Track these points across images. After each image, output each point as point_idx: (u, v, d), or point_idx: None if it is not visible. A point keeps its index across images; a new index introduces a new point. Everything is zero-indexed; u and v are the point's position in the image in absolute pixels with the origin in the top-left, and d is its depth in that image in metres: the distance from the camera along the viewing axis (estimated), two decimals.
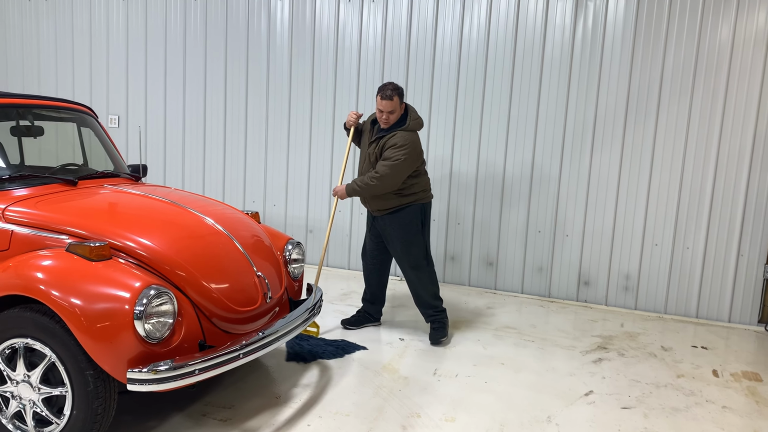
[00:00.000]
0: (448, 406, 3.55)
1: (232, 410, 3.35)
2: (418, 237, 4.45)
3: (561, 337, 4.84)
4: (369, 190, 4.31)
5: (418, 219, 4.45)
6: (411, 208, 4.42)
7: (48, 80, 7.35)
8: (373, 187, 4.28)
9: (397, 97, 4.26)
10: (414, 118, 4.41)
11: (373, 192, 4.32)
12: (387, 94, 4.25)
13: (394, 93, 4.26)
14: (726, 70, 5.24)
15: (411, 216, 4.43)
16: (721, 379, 4.22)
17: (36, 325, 2.69)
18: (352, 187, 4.38)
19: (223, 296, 3.05)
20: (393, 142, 4.27)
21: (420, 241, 4.47)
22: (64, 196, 3.34)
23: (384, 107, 4.29)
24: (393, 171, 4.23)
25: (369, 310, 4.81)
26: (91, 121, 4.19)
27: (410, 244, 4.45)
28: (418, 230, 4.45)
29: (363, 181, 4.31)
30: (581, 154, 5.65)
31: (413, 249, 4.45)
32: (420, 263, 4.48)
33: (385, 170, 4.23)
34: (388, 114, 4.29)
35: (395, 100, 4.26)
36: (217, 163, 6.83)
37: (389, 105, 4.27)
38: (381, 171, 4.24)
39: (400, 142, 4.26)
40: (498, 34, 5.76)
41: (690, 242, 5.48)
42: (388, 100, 4.26)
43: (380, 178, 4.24)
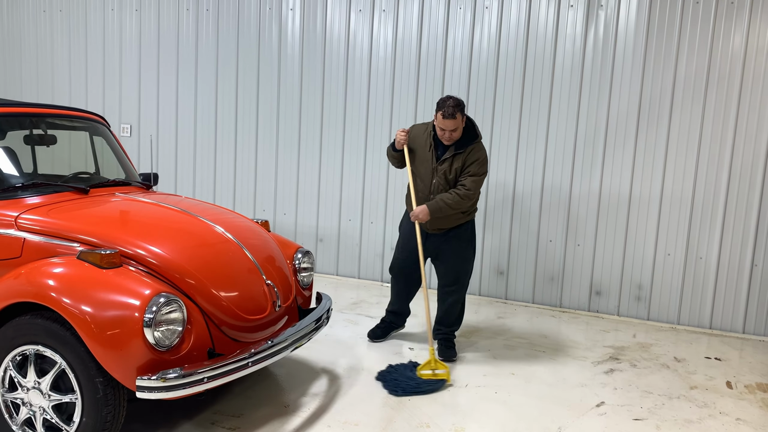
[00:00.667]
0: (457, 416, 3.53)
1: (241, 419, 3.34)
2: (472, 254, 4.48)
3: (572, 348, 4.80)
4: (459, 207, 4.18)
5: (474, 236, 4.48)
6: (469, 224, 4.40)
7: (62, 90, 7.43)
8: (462, 203, 4.17)
9: (459, 114, 4.06)
10: (478, 128, 4.32)
11: (462, 208, 4.23)
12: (449, 112, 4.03)
13: (457, 110, 4.04)
14: (739, 79, 5.20)
15: (469, 232, 4.41)
16: (735, 390, 4.16)
17: (47, 332, 2.71)
18: (437, 206, 4.16)
19: (232, 304, 3.06)
20: (476, 156, 4.18)
21: (472, 258, 4.49)
22: (75, 204, 3.37)
23: (447, 126, 4.09)
24: (479, 186, 4.21)
25: (394, 321, 4.77)
26: (104, 130, 4.22)
27: (467, 260, 4.43)
28: (473, 247, 4.47)
29: (454, 200, 4.13)
30: (593, 163, 5.62)
31: (467, 266, 4.44)
32: (467, 281, 4.48)
33: (475, 186, 4.17)
34: (451, 132, 4.12)
35: (458, 118, 4.06)
36: (228, 171, 6.86)
37: (452, 124, 4.07)
38: (471, 187, 4.15)
39: (482, 155, 4.22)
40: (509, 43, 5.76)
41: (703, 252, 5.43)
42: (450, 119, 4.05)
43: (470, 194, 4.16)
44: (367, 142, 6.30)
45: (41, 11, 7.44)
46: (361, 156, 6.33)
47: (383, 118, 6.21)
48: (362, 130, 6.30)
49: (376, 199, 6.33)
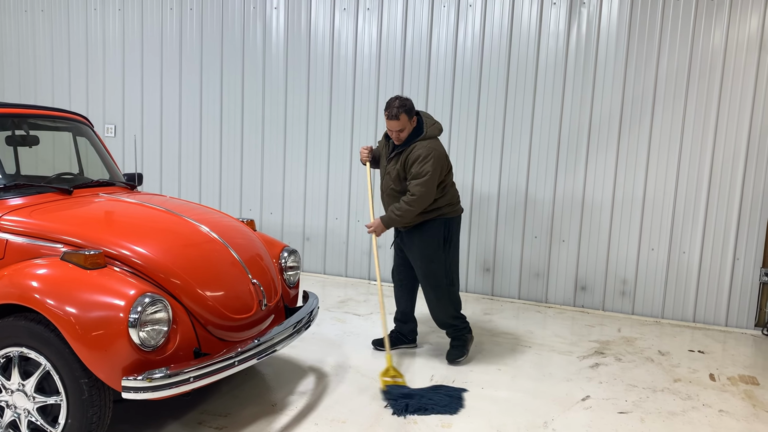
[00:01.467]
0: (444, 415, 3.54)
1: (228, 418, 3.34)
2: (438, 254, 4.18)
3: (558, 343, 4.83)
4: (409, 215, 4.05)
5: (440, 235, 4.18)
6: (434, 222, 4.17)
7: (44, 90, 7.36)
8: (413, 210, 4.03)
9: (404, 114, 3.99)
10: (430, 124, 4.15)
11: (414, 214, 4.06)
12: (393, 113, 3.98)
13: (401, 110, 3.97)
14: (719, 75, 5.27)
15: (433, 231, 4.17)
16: (718, 383, 4.21)
17: (31, 334, 2.70)
18: (389, 218, 4.13)
19: (218, 304, 3.06)
20: (416, 155, 4.02)
21: (441, 259, 4.19)
22: (59, 205, 3.35)
23: (392, 127, 4.05)
24: (427, 186, 3.99)
25: (401, 330, 4.54)
26: (87, 130, 4.20)
27: (430, 261, 4.19)
28: (439, 246, 4.18)
29: (402, 209, 4.04)
30: (577, 160, 5.67)
31: (433, 266, 4.19)
32: (440, 282, 4.21)
33: (419, 189, 3.99)
34: (398, 132, 4.06)
35: (402, 119, 4.00)
36: (213, 171, 6.84)
37: (397, 124, 4.02)
38: (416, 191, 4.00)
39: (423, 152, 4.01)
40: (492, 41, 5.79)
41: (686, 246, 5.49)
42: (394, 120, 4.00)
43: (417, 198, 3.99)
44: (353, 140, 6.30)
45: (23, 11, 7.37)
46: (347, 154, 6.34)
47: (369, 116, 6.22)
48: (348, 129, 6.31)
49: (362, 198, 6.34)
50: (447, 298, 4.27)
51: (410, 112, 4.03)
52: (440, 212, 4.16)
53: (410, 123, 4.06)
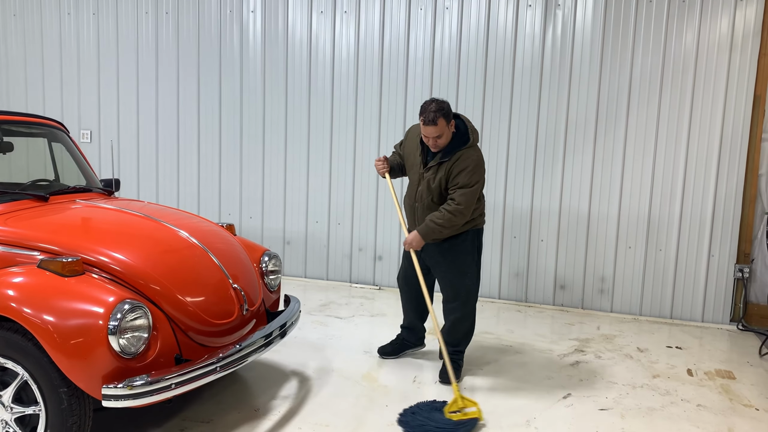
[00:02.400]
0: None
1: (211, 424, 3.32)
2: (472, 267, 3.97)
3: (539, 341, 4.88)
4: (453, 226, 3.78)
5: (474, 246, 3.98)
6: (467, 234, 3.92)
7: (17, 96, 7.25)
8: (456, 221, 3.76)
9: (442, 118, 3.66)
10: (473, 130, 3.88)
11: (457, 226, 3.80)
12: (429, 118, 3.64)
13: (438, 115, 3.64)
14: (692, 75, 5.36)
15: (467, 243, 3.93)
16: (695, 378, 4.29)
17: (7, 343, 2.65)
18: (428, 228, 3.78)
19: (198, 309, 3.04)
20: (464, 165, 3.74)
21: (473, 272, 3.99)
22: (35, 212, 3.30)
23: (429, 133, 3.71)
24: (472, 198, 3.75)
25: (407, 338, 4.39)
26: (62, 136, 4.15)
27: (464, 274, 3.95)
28: (473, 259, 3.98)
29: (444, 218, 3.74)
30: (554, 160, 5.73)
31: (466, 280, 3.95)
32: (471, 297, 4.00)
33: (465, 200, 3.72)
34: (435, 139, 3.73)
35: (440, 124, 3.66)
36: (191, 176, 6.79)
37: (434, 130, 3.68)
38: (462, 201, 3.71)
39: (472, 164, 3.75)
40: (470, 43, 5.83)
41: (662, 244, 5.58)
42: (431, 126, 3.67)
43: (464, 210, 3.74)
44: (332, 143, 6.30)
45: None
46: (327, 157, 6.33)
47: (347, 119, 6.22)
48: (327, 132, 6.30)
49: (342, 201, 6.34)
50: (471, 314, 4.06)
51: (448, 116, 3.72)
52: (474, 223, 3.95)
53: (448, 128, 3.74)
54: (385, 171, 4.12)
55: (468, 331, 4.11)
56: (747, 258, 5.45)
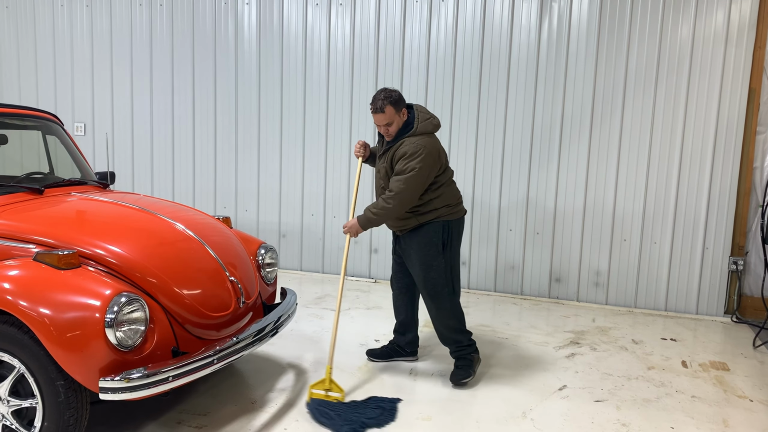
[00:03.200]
0: (424, 404, 3.57)
1: (208, 417, 3.32)
2: (438, 260, 3.81)
3: (534, 334, 4.89)
4: (387, 215, 3.72)
5: (439, 239, 3.81)
6: (431, 225, 3.81)
7: (10, 88, 7.20)
8: (390, 210, 3.68)
9: (390, 106, 3.68)
10: (423, 119, 3.80)
11: (393, 215, 3.74)
12: (377, 106, 3.69)
13: (386, 103, 3.68)
14: (687, 68, 5.37)
15: (430, 235, 3.81)
16: (690, 369, 4.31)
17: (3, 336, 2.65)
18: (366, 218, 3.77)
19: (195, 302, 3.03)
20: (402, 151, 3.69)
21: (440, 265, 3.82)
22: (30, 205, 3.29)
23: (378, 121, 3.75)
24: (409, 185, 3.64)
25: (399, 342, 4.23)
26: (57, 128, 4.12)
27: (429, 267, 3.82)
28: (438, 252, 3.81)
29: (378, 206, 3.72)
30: (549, 153, 5.73)
31: (432, 273, 3.82)
32: (439, 291, 3.84)
33: (399, 186, 3.64)
34: (386, 127, 3.75)
35: (388, 111, 3.69)
36: (186, 169, 6.77)
37: (383, 118, 3.71)
38: (395, 188, 3.66)
39: (411, 149, 3.66)
40: (465, 36, 5.82)
41: (657, 237, 5.59)
42: (379, 113, 3.71)
43: (395, 196, 3.64)
44: (328, 136, 6.29)
45: None
46: (323, 150, 6.32)
47: (343, 111, 6.21)
48: (322, 124, 6.29)
49: (338, 194, 6.33)
50: (448, 309, 3.89)
51: (397, 104, 3.72)
52: (437, 214, 3.81)
53: (399, 116, 3.75)
54: (359, 156, 4.08)
55: (454, 327, 3.93)
56: (741, 250, 5.48)
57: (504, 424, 3.38)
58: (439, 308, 3.88)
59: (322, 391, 3.54)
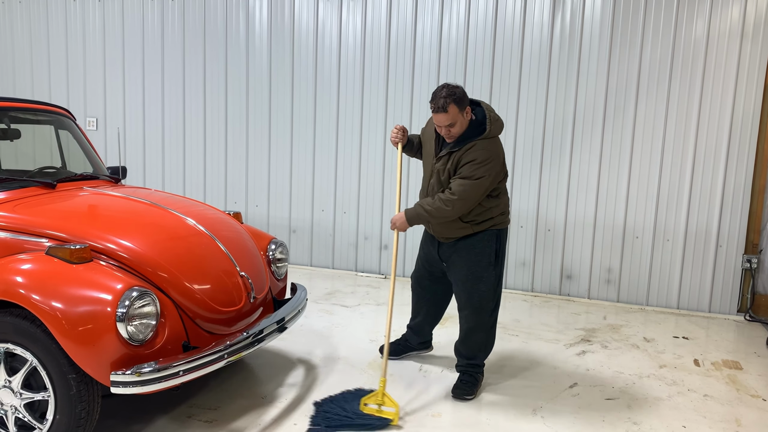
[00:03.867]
0: (434, 401, 3.56)
1: (218, 411, 3.33)
2: (489, 272, 3.57)
3: (545, 331, 4.87)
4: (441, 216, 3.46)
5: (493, 249, 3.58)
6: (485, 234, 3.55)
7: (23, 83, 7.25)
8: (447, 212, 3.43)
9: (453, 105, 3.33)
10: (494, 119, 3.50)
11: (449, 217, 3.47)
12: (439, 105, 3.34)
13: (449, 101, 3.32)
14: (702, 64, 5.31)
15: (484, 245, 3.55)
16: (702, 368, 4.27)
17: (16, 329, 2.66)
18: (416, 212, 3.51)
19: (206, 297, 3.04)
20: (473, 156, 3.38)
21: (491, 278, 3.59)
22: (42, 199, 3.30)
23: (440, 121, 3.40)
24: (472, 192, 3.38)
25: (411, 340, 4.11)
26: (69, 123, 4.14)
27: (478, 279, 3.57)
28: (490, 263, 3.58)
29: (433, 205, 3.44)
30: (561, 150, 5.69)
31: (481, 287, 3.57)
32: (485, 306, 3.61)
33: (462, 191, 3.37)
34: (447, 128, 3.42)
35: (452, 111, 3.34)
36: (197, 164, 6.79)
37: (445, 118, 3.37)
38: (458, 192, 3.37)
39: (482, 156, 3.37)
40: (477, 32, 5.79)
41: (670, 234, 5.55)
42: (441, 113, 3.36)
43: (456, 201, 3.38)
44: (338, 131, 6.28)
45: (0, 3, 7.23)
46: (333, 146, 6.32)
47: (354, 107, 6.20)
48: (333, 120, 6.28)
49: (348, 189, 6.33)
50: (488, 325, 3.67)
51: (461, 102, 3.37)
52: (492, 222, 3.56)
53: (462, 116, 3.40)
54: (398, 141, 3.77)
55: (484, 343, 3.71)
56: (755, 248, 5.42)
57: (514, 422, 3.37)
58: (479, 323, 3.64)
59: (375, 406, 3.31)
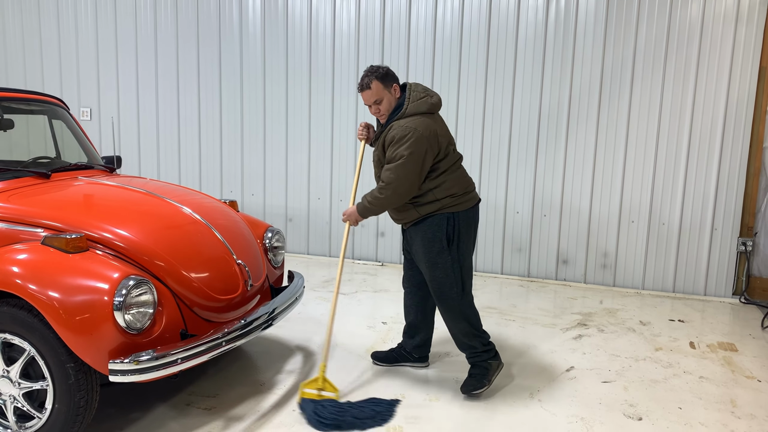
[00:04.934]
0: (432, 387, 3.58)
1: (216, 399, 3.35)
2: (443, 257, 3.39)
3: (541, 316, 4.89)
4: (382, 205, 3.37)
5: (442, 234, 3.38)
6: (433, 219, 3.39)
7: (15, 73, 7.20)
8: (384, 200, 3.33)
9: (376, 82, 3.34)
10: (416, 98, 3.37)
11: (389, 205, 3.38)
12: (364, 83, 3.37)
13: (372, 79, 3.34)
14: (697, 46, 5.30)
15: (433, 229, 3.39)
16: (697, 350, 4.30)
17: (14, 319, 2.66)
18: (363, 206, 3.43)
19: (203, 285, 3.04)
20: (390, 137, 3.31)
21: (446, 263, 3.39)
22: (37, 189, 3.29)
23: (366, 99, 3.42)
24: (399, 174, 3.26)
25: (406, 346, 3.83)
26: (63, 113, 4.12)
27: (433, 265, 3.41)
28: (442, 248, 3.38)
29: (372, 195, 3.38)
30: (557, 134, 5.69)
31: (437, 272, 3.41)
32: (446, 291, 3.43)
33: (389, 176, 3.28)
34: (376, 106, 3.40)
35: (375, 87, 3.35)
36: (192, 153, 6.77)
37: (370, 95, 3.38)
38: (386, 178, 3.30)
39: (399, 133, 3.27)
40: (472, 16, 5.76)
41: (665, 218, 5.56)
42: (366, 90, 3.38)
43: (387, 186, 3.29)
44: (333, 119, 6.26)
45: None
46: (328, 134, 6.30)
47: (349, 95, 6.18)
48: (328, 108, 6.26)
49: (344, 177, 6.32)
50: (457, 311, 3.47)
51: (385, 79, 3.37)
52: (439, 205, 3.37)
53: (390, 93, 3.38)
54: (362, 138, 3.68)
55: (466, 331, 3.50)
56: (750, 231, 5.44)
57: (512, 406, 3.39)
58: (447, 310, 3.49)
59: (314, 391, 3.33)
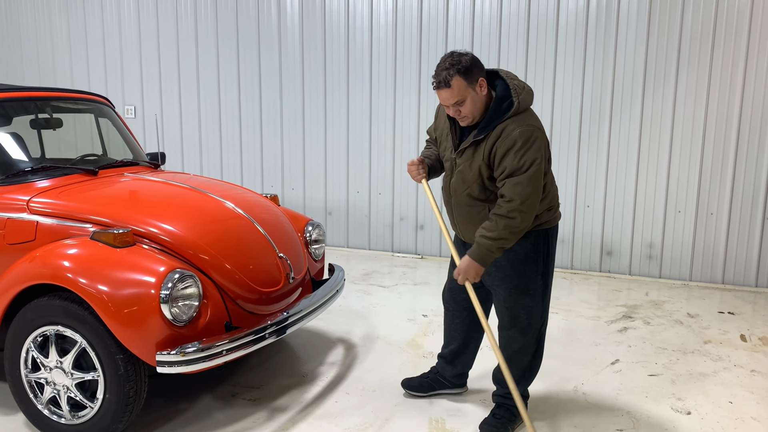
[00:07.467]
0: (472, 378, 3.56)
1: (261, 390, 3.40)
2: (536, 282, 2.86)
3: (585, 308, 4.82)
4: (514, 232, 2.65)
5: (540, 255, 2.84)
6: (529, 237, 2.79)
7: (63, 74, 7.40)
8: (521, 223, 2.63)
9: (458, 78, 2.59)
10: (520, 88, 2.72)
11: (521, 229, 2.66)
12: (441, 78, 2.61)
13: (452, 72, 2.58)
14: (746, 32, 5.11)
15: (528, 250, 2.81)
16: (749, 343, 4.18)
17: (65, 312, 2.75)
18: (484, 249, 2.67)
19: (246, 278, 3.08)
20: (511, 141, 2.61)
21: (538, 289, 2.87)
22: (85, 186, 3.38)
23: (444, 100, 2.67)
24: (535, 185, 2.62)
25: (444, 372, 3.32)
26: (108, 111, 4.22)
27: (523, 292, 2.86)
28: (537, 272, 2.85)
29: (496, 228, 2.63)
30: (600, 123, 5.57)
31: (527, 300, 2.87)
32: (532, 323, 2.91)
33: (520, 191, 2.59)
34: (456, 108, 2.67)
35: (456, 85, 2.59)
36: (233, 148, 6.86)
37: (449, 95, 2.62)
38: (516, 194, 2.60)
39: (522, 136, 2.60)
40: (511, 5, 5.67)
41: (714, 208, 5.40)
42: (444, 89, 2.62)
43: (521, 206, 2.60)
44: (372, 113, 6.26)
45: None
46: (366, 127, 6.31)
47: (386, 88, 6.17)
48: (366, 101, 6.26)
49: (383, 170, 6.32)
50: (533, 346, 2.99)
51: (469, 73, 2.61)
52: (539, 220, 2.80)
53: (475, 90, 2.65)
54: (421, 178, 3.03)
55: (528, 368, 3.02)
56: None
57: (555, 398, 3.35)
58: (526, 344, 2.96)
59: None
